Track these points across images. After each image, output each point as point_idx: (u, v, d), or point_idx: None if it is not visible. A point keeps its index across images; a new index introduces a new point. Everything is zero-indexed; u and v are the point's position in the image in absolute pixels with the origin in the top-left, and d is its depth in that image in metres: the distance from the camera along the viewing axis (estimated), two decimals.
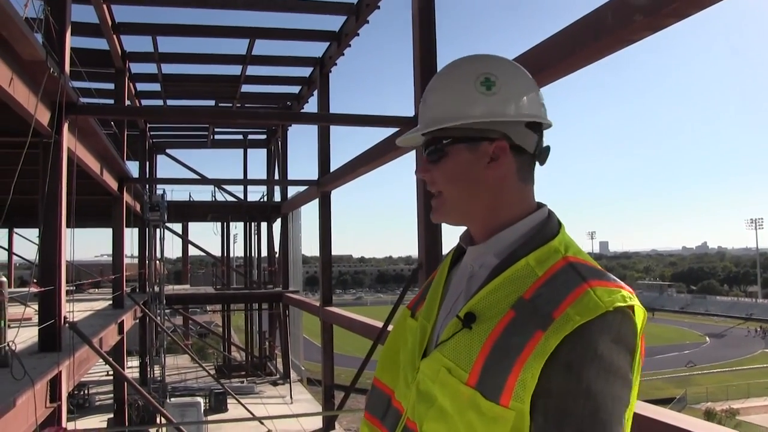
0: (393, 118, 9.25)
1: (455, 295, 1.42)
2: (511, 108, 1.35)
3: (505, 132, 1.35)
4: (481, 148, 1.36)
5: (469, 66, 1.41)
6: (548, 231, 1.35)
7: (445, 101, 1.39)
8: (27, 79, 6.27)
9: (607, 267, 1.45)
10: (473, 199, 1.39)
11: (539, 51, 5.57)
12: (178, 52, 15.40)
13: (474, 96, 1.35)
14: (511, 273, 1.28)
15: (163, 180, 22.06)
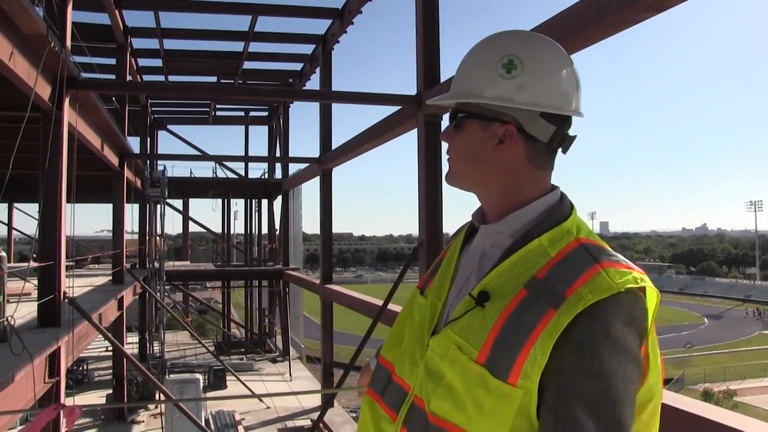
0: (395, 96, 9.21)
1: (467, 273, 1.43)
2: (524, 96, 1.34)
3: (516, 118, 1.36)
4: (492, 128, 1.37)
5: (499, 44, 1.41)
6: (561, 213, 1.36)
7: (469, 76, 1.41)
8: (28, 54, 6.23)
9: None
10: (481, 176, 1.42)
11: (542, 29, 5.52)
12: (180, 27, 15.30)
13: (492, 77, 1.36)
14: (525, 253, 1.30)
15: (164, 156, 21.99)
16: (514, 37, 1.42)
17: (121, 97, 15.09)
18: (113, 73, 15.33)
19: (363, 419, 1.54)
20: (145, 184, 17.71)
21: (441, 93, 5.77)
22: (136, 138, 19.50)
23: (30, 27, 5.88)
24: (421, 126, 8.25)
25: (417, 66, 8.56)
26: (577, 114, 1.39)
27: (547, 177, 1.42)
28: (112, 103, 14.28)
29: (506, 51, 1.37)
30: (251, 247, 25.50)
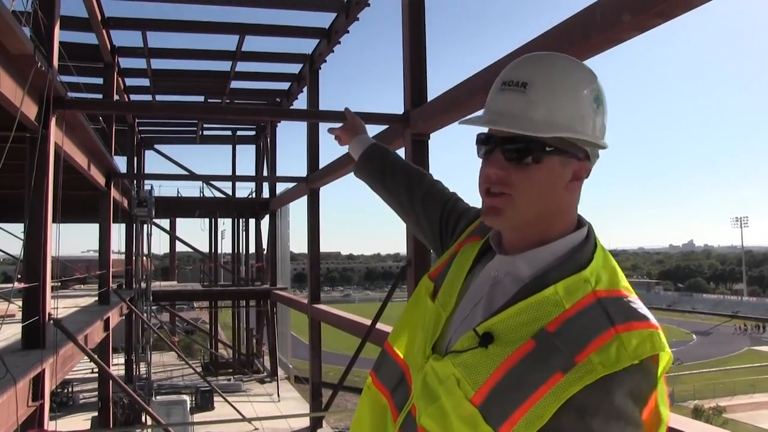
0: (382, 116, 9.24)
1: (476, 297, 1.36)
2: (604, 131, 1.34)
3: (590, 153, 1.32)
4: (570, 164, 1.30)
5: (582, 74, 1.33)
6: (582, 256, 1.29)
7: (562, 106, 1.28)
8: (14, 73, 6.22)
9: None
10: (542, 213, 1.31)
11: (527, 49, 5.56)
12: (168, 47, 15.32)
13: (590, 111, 1.30)
14: (538, 300, 1.22)
15: (151, 176, 21.89)
16: (584, 67, 1.35)
17: (108, 117, 15.07)
18: (100, 92, 15.31)
19: (362, 407, 1.53)
20: (132, 204, 17.65)
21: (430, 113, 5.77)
22: (123, 157, 19.47)
23: (17, 47, 5.87)
24: (408, 144, 8.28)
25: (404, 85, 8.60)
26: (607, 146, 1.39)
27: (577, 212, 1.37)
28: (99, 123, 14.25)
29: (591, 82, 1.32)
30: (239, 266, 25.45)
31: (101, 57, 14.22)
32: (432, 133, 8.18)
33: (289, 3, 12.42)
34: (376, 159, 2.14)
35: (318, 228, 14.34)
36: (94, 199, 14.19)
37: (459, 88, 6.97)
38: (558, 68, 1.32)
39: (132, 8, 13.27)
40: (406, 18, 8.55)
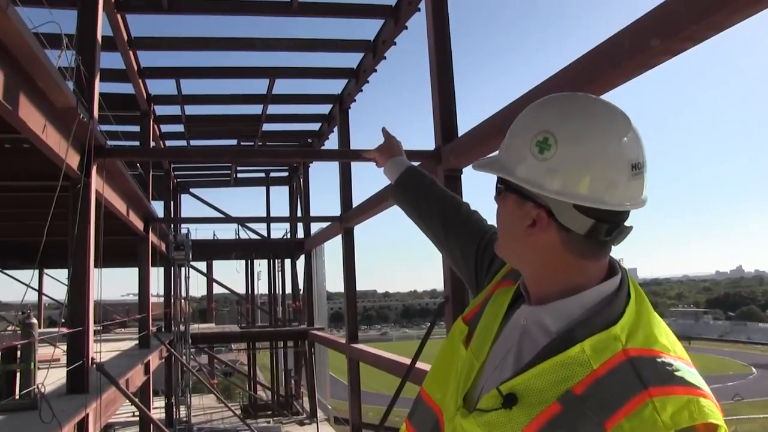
0: (413, 152, 9.28)
1: (507, 346, 1.32)
2: (554, 182, 1.21)
3: (549, 204, 1.23)
4: (526, 207, 1.26)
5: (539, 114, 1.28)
6: (612, 311, 1.20)
7: (508, 147, 1.31)
8: (59, 125, 6.46)
9: None
10: (517, 253, 1.32)
11: (555, 81, 5.63)
12: (201, 93, 15.69)
13: (524, 154, 1.25)
14: (564, 358, 1.15)
15: (188, 219, 22.24)
16: (558, 106, 1.28)
17: (145, 163, 15.43)
18: (137, 139, 15.68)
19: None
20: (169, 248, 17.91)
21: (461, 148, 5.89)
22: (160, 202, 19.85)
23: (62, 101, 6.13)
24: (441, 180, 8.33)
25: (434, 121, 8.70)
26: (623, 207, 1.22)
27: (596, 265, 1.25)
28: (136, 169, 14.60)
29: (543, 125, 1.23)
30: (275, 307, 25.54)
31: (138, 106, 14.59)
32: (464, 168, 8.23)
33: (317, 46, 12.66)
34: (411, 183, 2.07)
35: (353, 267, 14.41)
36: (133, 244, 14.46)
37: (489, 122, 7.05)
38: (526, 110, 1.33)
39: (166, 58, 13.66)
40: (433, 54, 8.67)
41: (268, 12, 11.13)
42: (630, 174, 1.20)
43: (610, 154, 1.19)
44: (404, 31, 10.97)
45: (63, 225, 7.51)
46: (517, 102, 6.35)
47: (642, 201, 1.24)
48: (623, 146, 1.20)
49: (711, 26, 3.89)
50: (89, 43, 7.91)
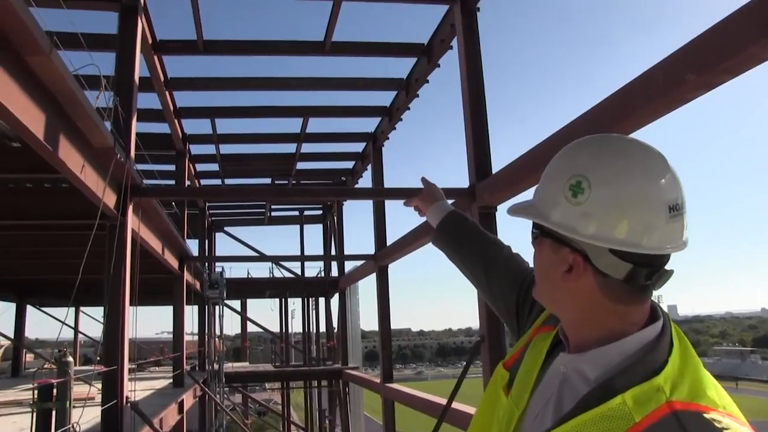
0: (448, 190, 9.29)
1: (547, 394, 1.29)
2: (589, 227, 1.18)
3: (584, 248, 1.20)
4: (563, 253, 1.24)
5: (570, 160, 1.27)
6: (654, 359, 1.16)
7: (542, 191, 1.30)
8: (96, 165, 6.59)
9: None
10: (554, 298, 1.30)
11: (589, 118, 5.61)
12: (236, 132, 15.90)
13: (558, 199, 1.23)
14: (603, 411, 1.11)
15: (222, 258, 22.45)
16: (591, 149, 1.27)
17: (180, 202, 15.62)
18: (173, 178, 15.94)
19: None
20: (204, 286, 18.04)
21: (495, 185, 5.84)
22: (195, 240, 20.03)
23: (100, 141, 6.26)
24: (475, 218, 8.29)
25: (468, 158, 8.70)
26: (663, 251, 1.18)
27: (637, 310, 1.22)
28: (172, 208, 14.78)
29: (576, 169, 1.22)
30: (309, 346, 25.48)
31: (173, 145, 14.83)
32: (499, 205, 8.20)
33: (351, 85, 12.79)
34: (453, 228, 2.08)
35: (388, 305, 14.35)
36: (168, 282, 14.59)
37: (524, 159, 7.03)
38: (560, 153, 1.32)
39: (202, 97, 13.89)
40: (466, 92, 8.71)
41: (302, 52, 11.30)
42: (668, 216, 1.17)
43: (646, 197, 1.17)
44: (437, 69, 11.05)
45: (99, 263, 7.60)
46: (551, 138, 6.34)
47: (682, 243, 1.21)
48: (660, 188, 1.18)
49: (748, 60, 3.84)
50: (127, 84, 8.10)
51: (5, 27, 4.10)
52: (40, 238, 11.69)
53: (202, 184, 19.68)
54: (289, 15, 40.88)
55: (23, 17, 4.03)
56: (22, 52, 4.41)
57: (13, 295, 20.96)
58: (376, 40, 11.22)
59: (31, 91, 4.74)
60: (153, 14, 9.75)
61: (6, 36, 4.20)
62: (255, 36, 14.43)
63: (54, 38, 4.58)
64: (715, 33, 3.99)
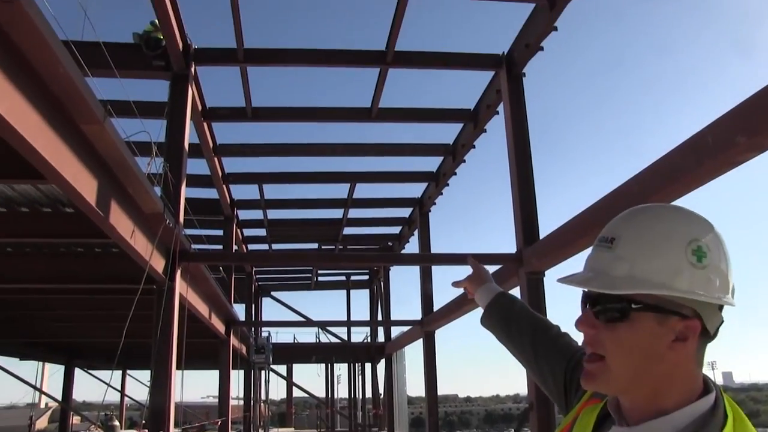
0: (496, 255, 9.20)
1: None
2: (713, 288, 1.19)
3: (699, 312, 1.19)
4: (670, 323, 1.19)
5: (679, 225, 1.24)
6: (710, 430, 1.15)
7: (648, 260, 1.22)
8: (146, 230, 6.71)
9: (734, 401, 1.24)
10: (643, 376, 1.22)
11: (636, 182, 5.54)
12: (283, 198, 16.11)
13: (683, 265, 1.19)
14: None
15: (269, 323, 22.45)
16: (687, 218, 1.26)
17: (228, 267, 15.76)
18: (221, 243, 16.11)
19: None
20: (250, 351, 18.03)
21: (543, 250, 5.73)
22: (242, 305, 20.11)
23: (150, 207, 6.38)
24: (523, 283, 8.20)
25: (515, 223, 8.64)
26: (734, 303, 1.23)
27: (701, 377, 1.23)
28: (219, 272, 14.92)
29: (691, 235, 1.21)
30: (355, 412, 25.17)
31: (221, 210, 15.06)
32: (547, 270, 8.08)
33: (397, 151, 12.90)
34: (502, 309, 2.07)
35: (435, 371, 14.12)
36: (214, 347, 14.63)
37: (571, 224, 6.95)
38: (649, 219, 1.27)
39: (249, 163, 14.10)
40: (513, 157, 8.70)
41: (348, 119, 11.49)
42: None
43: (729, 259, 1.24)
44: (483, 133, 11.09)
45: (146, 327, 7.67)
46: (600, 202, 6.27)
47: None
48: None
49: None
50: (177, 151, 8.31)
51: (61, 95, 4.24)
52: (89, 302, 11.87)
53: (249, 249, 19.87)
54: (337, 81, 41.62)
55: (79, 86, 4.17)
56: (77, 120, 4.56)
57: (61, 358, 21.26)
58: (422, 106, 11.35)
59: (85, 157, 4.88)
60: (203, 82, 10.04)
61: (62, 104, 4.34)
62: (302, 102, 14.81)
63: (108, 107, 4.73)
64: (765, 95, 3.93)
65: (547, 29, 7.87)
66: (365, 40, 30.89)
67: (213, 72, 10.90)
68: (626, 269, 1.21)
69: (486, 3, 8.86)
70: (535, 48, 8.32)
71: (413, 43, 13.43)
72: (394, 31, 8.73)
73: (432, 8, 11.34)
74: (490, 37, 58.72)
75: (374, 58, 9.50)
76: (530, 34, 8.33)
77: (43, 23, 3.59)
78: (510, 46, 9.00)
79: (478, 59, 9.53)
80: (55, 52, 3.76)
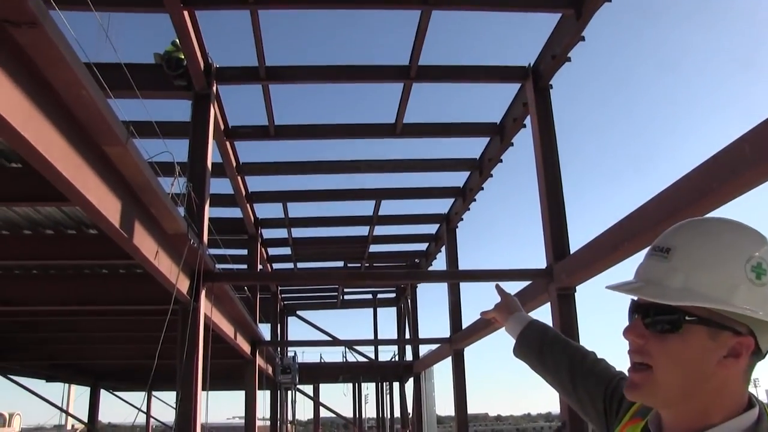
0: (524, 272, 9.11)
1: None
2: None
3: (753, 329, 1.18)
4: (723, 338, 1.18)
5: (738, 240, 1.23)
6: None
7: (706, 274, 1.21)
8: (170, 251, 6.74)
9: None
10: (690, 391, 1.21)
11: (670, 194, 5.47)
12: (307, 216, 16.14)
13: (741, 281, 1.18)
14: None
15: (295, 342, 22.46)
16: (747, 233, 1.25)
17: (252, 286, 15.80)
18: (245, 262, 16.16)
19: None
20: (276, 371, 18.04)
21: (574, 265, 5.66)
22: (267, 325, 20.15)
23: (173, 227, 6.41)
24: (554, 300, 8.11)
25: (545, 238, 8.57)
26: None
27: (747, 394, 1.23)
28: (244, 292, 14.97)
29: (751, 251, 1.21)
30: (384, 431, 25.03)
31: (246, 229, 15.12)
32: (578, 286, 7.99)
33: (423, 166, 12.88)
34: (534, 338, 2.06)
35: (464, 390, 14.01)
36: (240, 367, 14.65)
37: (602, 237, 6.88)
38: (707, 233, 1.26)
39: (273, 182, 14.19)
40: (541, 170, 8.65)
41: (373, 135, 11.50)
42: None
43: None
44: (510, 147, 11.03)
45: (171, 348, 7.69)
46: (634, 214, 6.20)
47: None
48: None
49: None
50: (200, 171, 8.35)
51: (84, 118, 4.28)
52: (113, 324, 11.97)
53: (274, 268, 19.93)
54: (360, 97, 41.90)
55: (102, 109, 4.21)
56: (100, 142, 4.60)
57: (87, 380, 21.42)
58: (447, 121, 11.32)
59: (108, 179, 4.92)
60: (225, 101, 10.11)
61: (85, 127, 4.38)
62: (325, 119, 14.84)
63: (130, 128, 4.77)
64: None
65: (574, 39, 7.83)
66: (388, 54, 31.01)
67: (235, 91, 10.97)
68: (681, 281, 1.21)
69: (510, 14, 8.85)
70: (562, 59, 8.28)
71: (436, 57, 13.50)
72: (417, 45, 8.74)
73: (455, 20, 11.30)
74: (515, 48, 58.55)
75: (397, 73, 9.52)
76: (557, 44, 8.29)
77: (66, 46, 3.63)
78: (536, 58, 8.97)
79: (503, 71, 9.51)
80: (78, 75, 3.79)
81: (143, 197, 5.65)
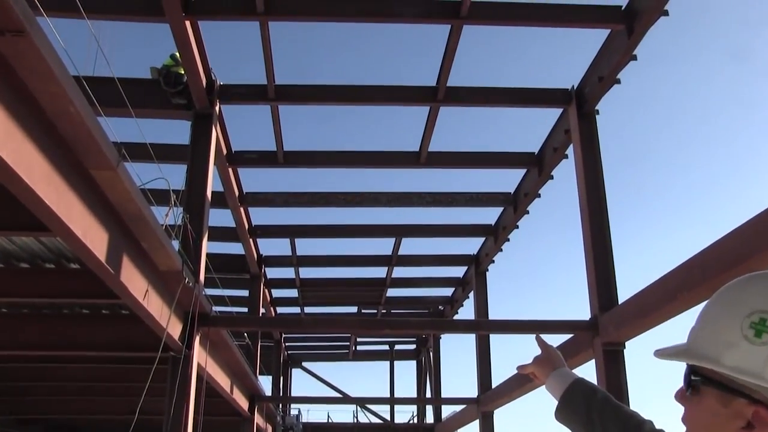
0: (566, 323, 9.01)
1: None
2: None
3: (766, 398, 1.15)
4: (735, 405, 1.17)
5: (743, 294, 1.22)
6: None
7: (707, 331, 1.24)
8: (161, 290, 6.75)
9: None
10: None
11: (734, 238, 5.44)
12: (318, 254, 16.12)
13: (735, 339, 1.18)
14: None
15: (299, 398, 22.33)
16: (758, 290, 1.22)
17: (253, 333, 15.75)
18: (246, 305, 16.13)
19: None
20: (277, 431, 17.91)
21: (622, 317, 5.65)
22: (268, 377, 20.06)
23: (166, 264, 6.43)
24: (599, 356, 8.01)
25: (589, 286, 8.50)
26: None
27: None
28: (243, 339, 14.93)
29: (756, 306, 1.18)
30: None
31: (247, 268, 15.12)
32: (627, 341, 7.89)
33: (450, 201, 12.81)
34: (580, 400, 1.98)
35: None
36: (236, 425, 14.55)
37: (656, 285, 6.82)
38: (724, 289, 1.27)
39: (280, 215, 14.19)
40: (586, 208, 8.61)
41: (394, 164, 11.49)
42: None
43: None
44: (550, 180, 11.00)
45: (158, 401, 7.66)
46: (692, 261, 6.15)
47: None
48: None
49: None
50: (198, 200, 8.38)
51: (70, 137, 4.29)
52: (92, 372, 11.86)
53: (278, 313, 19.87)
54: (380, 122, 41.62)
55: (90, 127, 4.23)
56: (87, 164, 4.62)
57: None
58: (478, 150, 11.31)
59: (95, 206, 4.95)
60: (228, 123, 10.17)
61: (71, 147, 4.40)
62: (341, 145, 14.89)
63: (122, 150, 4.80)
64: None
65: (625, 58, 7.83)
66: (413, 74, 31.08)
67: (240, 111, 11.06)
68: (693, 339, 1.26)
69: (551, 30, 8.88)
70: (611, 81, 8.28)
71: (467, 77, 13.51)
72: (446, 64, 8.76)
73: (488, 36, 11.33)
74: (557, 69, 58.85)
75: (423, 95, 9.56)
76: (604, 64, 8.30)
77: (53, 57, 3.66)
78: (580, 80, 8.98)
79: (543, 95, 9.53)
80: (64, 88, 3.82)
81: (134, 229, 5.67)
